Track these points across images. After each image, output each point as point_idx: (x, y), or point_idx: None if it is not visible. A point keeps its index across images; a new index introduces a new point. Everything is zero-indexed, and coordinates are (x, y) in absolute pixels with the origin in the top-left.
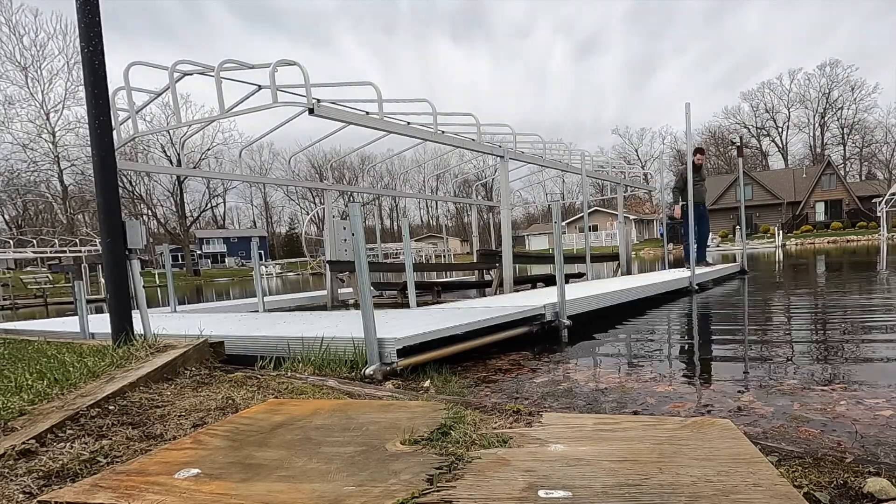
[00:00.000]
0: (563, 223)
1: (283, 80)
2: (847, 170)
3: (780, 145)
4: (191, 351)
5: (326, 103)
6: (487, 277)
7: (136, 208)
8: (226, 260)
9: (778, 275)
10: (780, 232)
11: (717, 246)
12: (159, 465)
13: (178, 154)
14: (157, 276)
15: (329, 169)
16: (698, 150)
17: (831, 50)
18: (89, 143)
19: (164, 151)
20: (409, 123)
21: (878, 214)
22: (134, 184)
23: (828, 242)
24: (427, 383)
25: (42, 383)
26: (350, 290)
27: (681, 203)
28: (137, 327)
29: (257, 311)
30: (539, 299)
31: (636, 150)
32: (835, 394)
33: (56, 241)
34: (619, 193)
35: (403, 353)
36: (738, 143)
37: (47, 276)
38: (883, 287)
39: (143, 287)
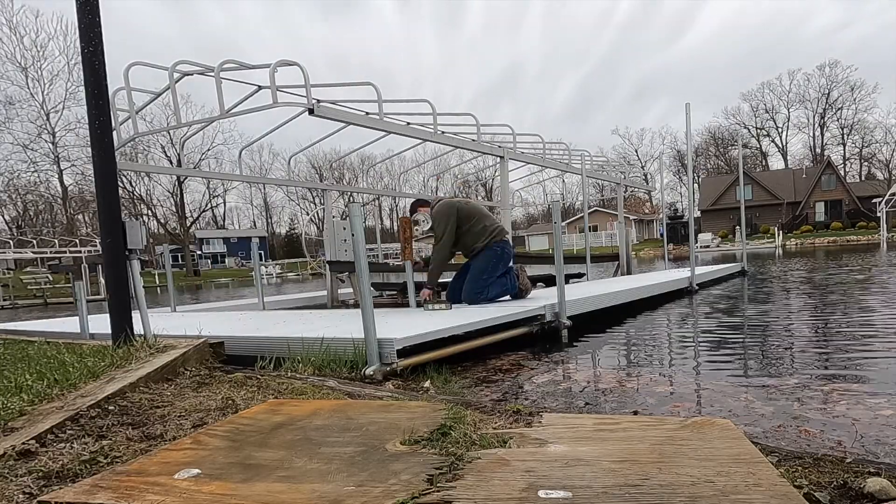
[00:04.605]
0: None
1: (283, 80)
2: (847, 170)
3: (780, 145)
4: (191, 351)
5: (326, 103)
6: None
7: (136, 208)
8: (226, 260)
9: (778, 275)
10: (780, 232)
11: (718, 246)
12: (159, 465)
13: (178, 154)
14: (157, 276)
15: (329, 169)
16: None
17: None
18: (89, 143)
19: (164, 152)
20: (408, 124)
21: (878, 214)
22: (134, 184)
23: (828, 243)
24: (427, 383)
25: (42, 384)
26: (350, 290)
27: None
28: (137, 327)
29: (257, 312)
30: (539, 300)
31: (636, 151)
32: (835, 394)
33: (56, 241)
34: (619, 193)
35: (403, 353)
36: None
37: (47, 277)
38: (882, 286)
39: (143, 286)
